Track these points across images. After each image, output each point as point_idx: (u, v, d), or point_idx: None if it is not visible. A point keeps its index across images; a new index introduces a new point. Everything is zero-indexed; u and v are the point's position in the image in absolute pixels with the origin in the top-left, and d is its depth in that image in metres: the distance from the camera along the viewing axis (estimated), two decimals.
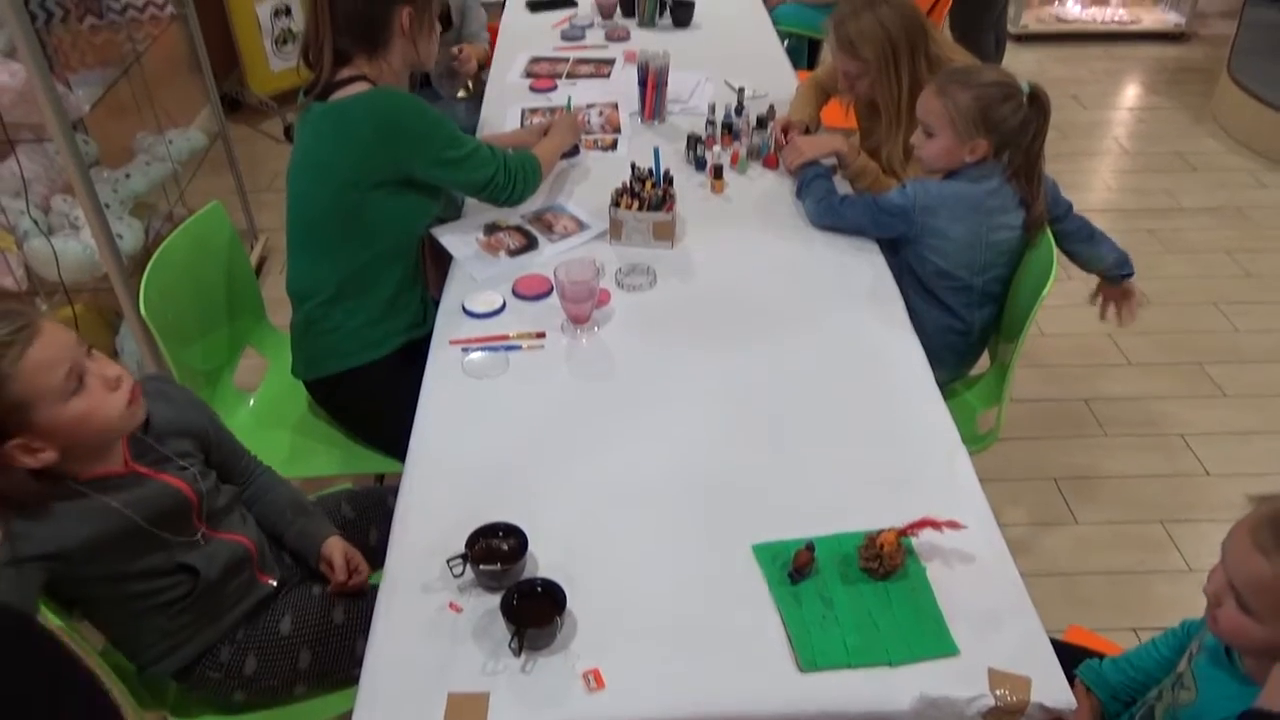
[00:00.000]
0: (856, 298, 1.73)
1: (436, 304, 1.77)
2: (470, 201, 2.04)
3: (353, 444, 1.86)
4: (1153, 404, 2.62)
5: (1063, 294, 2.98)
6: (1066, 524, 2.27)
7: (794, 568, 1.19)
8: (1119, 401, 2.63)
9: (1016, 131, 1.73)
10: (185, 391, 1.43)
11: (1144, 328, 2.90)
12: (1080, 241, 1.91)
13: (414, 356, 1.66)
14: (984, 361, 2.02)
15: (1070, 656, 1.18)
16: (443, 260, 1.90)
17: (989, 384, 1.95)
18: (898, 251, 1.86)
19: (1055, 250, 1.75)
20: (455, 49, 2.64)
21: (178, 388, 1.43)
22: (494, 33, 2.89)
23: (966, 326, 1.87)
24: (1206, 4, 5.01)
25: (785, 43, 2.99)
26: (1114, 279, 1.97)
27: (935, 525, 1.21)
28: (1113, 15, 5.04)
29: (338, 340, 1.77)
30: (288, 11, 4.01)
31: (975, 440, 1.79)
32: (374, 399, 1.79)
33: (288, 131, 3.99)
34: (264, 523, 1.47)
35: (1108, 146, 3.99)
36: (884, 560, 1.18)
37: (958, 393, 1.97)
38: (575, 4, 3.07)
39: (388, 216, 1.73)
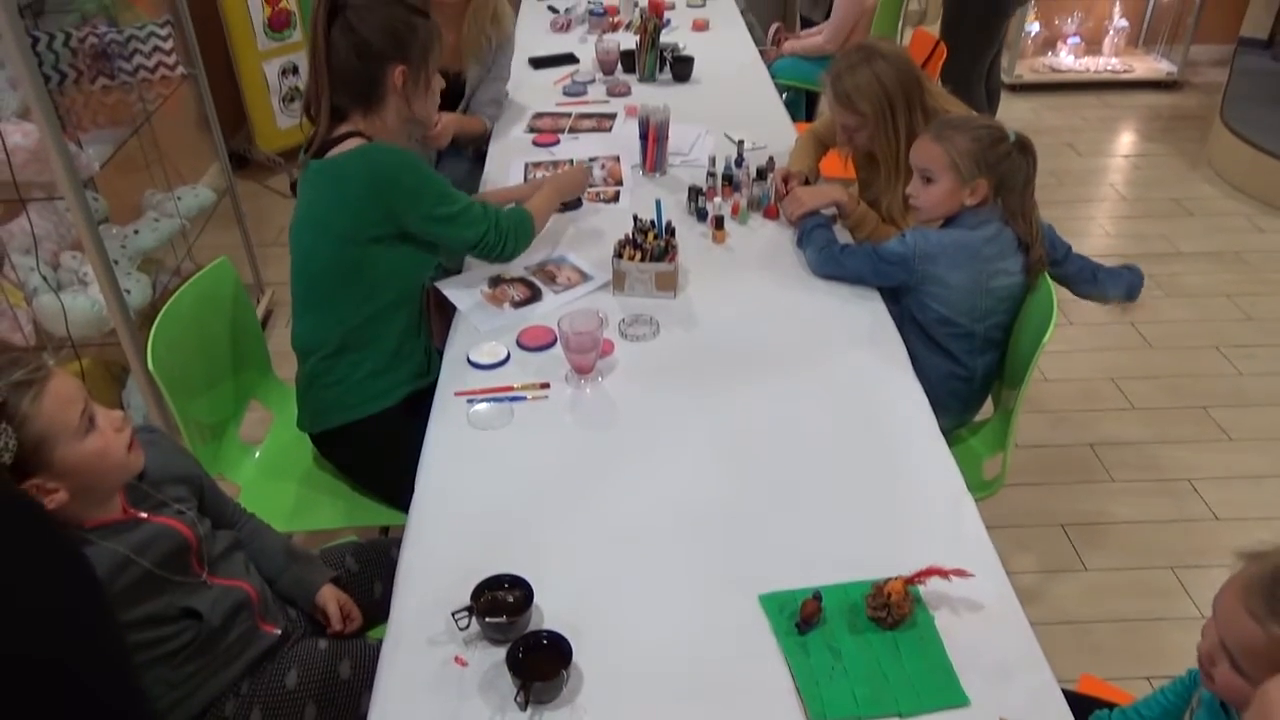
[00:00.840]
0: (859, 345, 1.73)
1: (440, 354, 1.78)
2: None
3: (357, 496, 1.86)
4: (1159, 448, 2.61)
5: (1064, 339, 3.02)
6: (1075, 571, 2.25)
7: (801, 618, 1.18)
8: (1125, 446, 2.62)
9: (1011, 173, 1.76)
10: (172, 440, 1.45)
11: (1147, 371, 2.91)
12: (1084, 283, 1.93)
13: (418, 407, 1.67)
14: (988, 407, 2.02)
15: (1082, 706, 1.16)
16: (446, 311, 1.91)
17: (993, 430, 1.95)
18: (899, 299, 1.87)
19: (1055, 296, 1.76)
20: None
21: (165, 437, 1.44)
22: None
23: (969, 373, 1.87)
24: (1198, 53, 5.10)
25: (783, 95, 3.05)
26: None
27: (943, 574, 1.20)
28: (1105, 65, 5.12)
29: (342, 393, 1.78)
30: (294, 70, 4.10)
31: (981, 487, 1.79)
32: (379, 450, 1.79)
33: (294, 187, 4.04)
34: (258, 569, 1.47)
35: (1104, 193, 4.03)
36: (892, 609, 1.18)
37: (962, 439, 1.97)
38: (577, 60, 3.14)
39: (388, 270, 1.74)
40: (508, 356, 1.71)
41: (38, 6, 2.47)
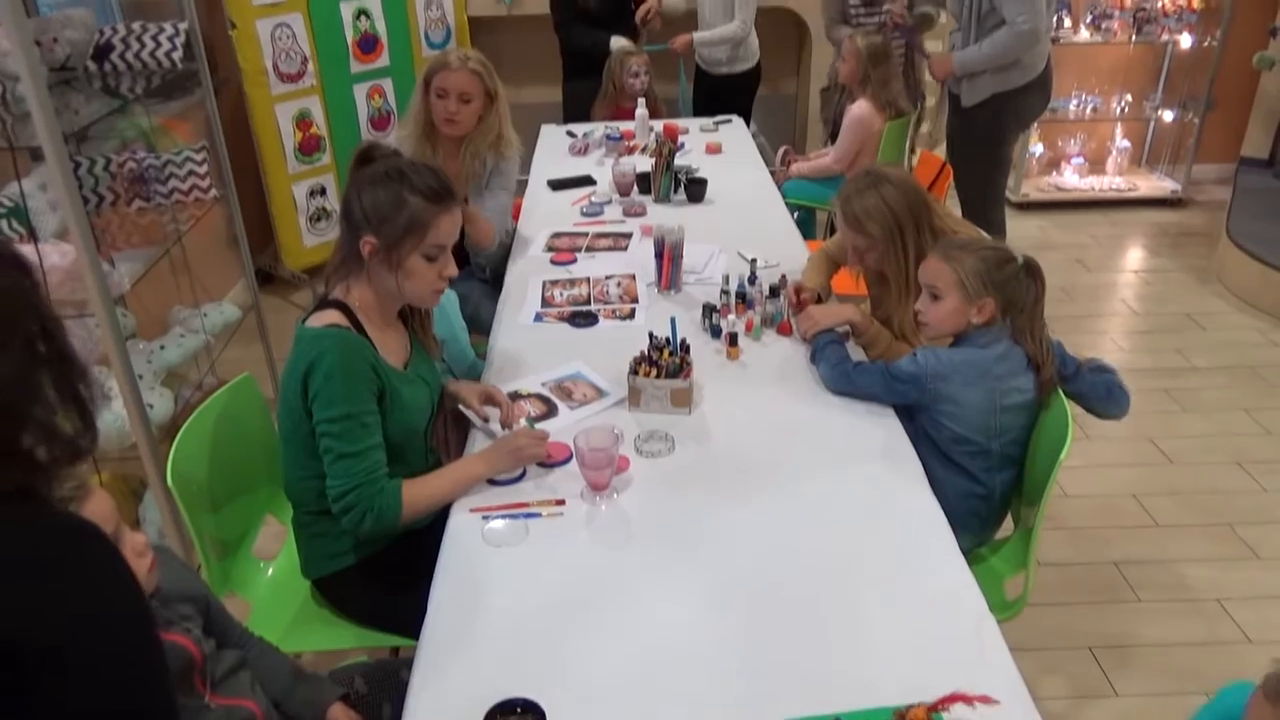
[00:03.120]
0: (874, 462, 1.73)
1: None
2: (489, 370, 2.10)
3: None
4: (1185, 567, 2.56)
5: (1082, 454, 2.99)
6: (1106, 696, 2.17)
7: None
8: (1150, 565, 2.57)
9: (1019, 294, 1.80)
10: (179, 559, 1.45)
11: (1168, 488, 2.87)
12: (1098, 401, 1.92)
13: (422, 532, 1.66)
14: (1007, 525, 2.00)
15: None
16: (462, 425, 1.93)
17: (1014, 548, 1.92)
18: (913, 417, 1.88)
19: (1070, 411, 1.77)
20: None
21: (173, 555, 1.43)
22: (517, 209, 3.01)
23: (987, 491, 1.86)
24: (1200, 172, 5.22)
25: (794, 215, 3.13)
26: None
27: (967, 700, 1.16)
28: (1110, 184, 5.24)
29: (329, 543, 1.74)
30: (323, 192, 4.25)
31: (1004, 608, 1.75)
32: (381, 590, 1.74)
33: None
34: (265, 690, 1.44)
35: (1115, 308, 4.07)
36: None
37: (983, 558, 1.94)
38: (595, 182, 3.24)
39: None
40: (523, 473, 1.72)
41: (82, 133, 2.60)
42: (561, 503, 1.64)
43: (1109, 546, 2.64)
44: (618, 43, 4.06)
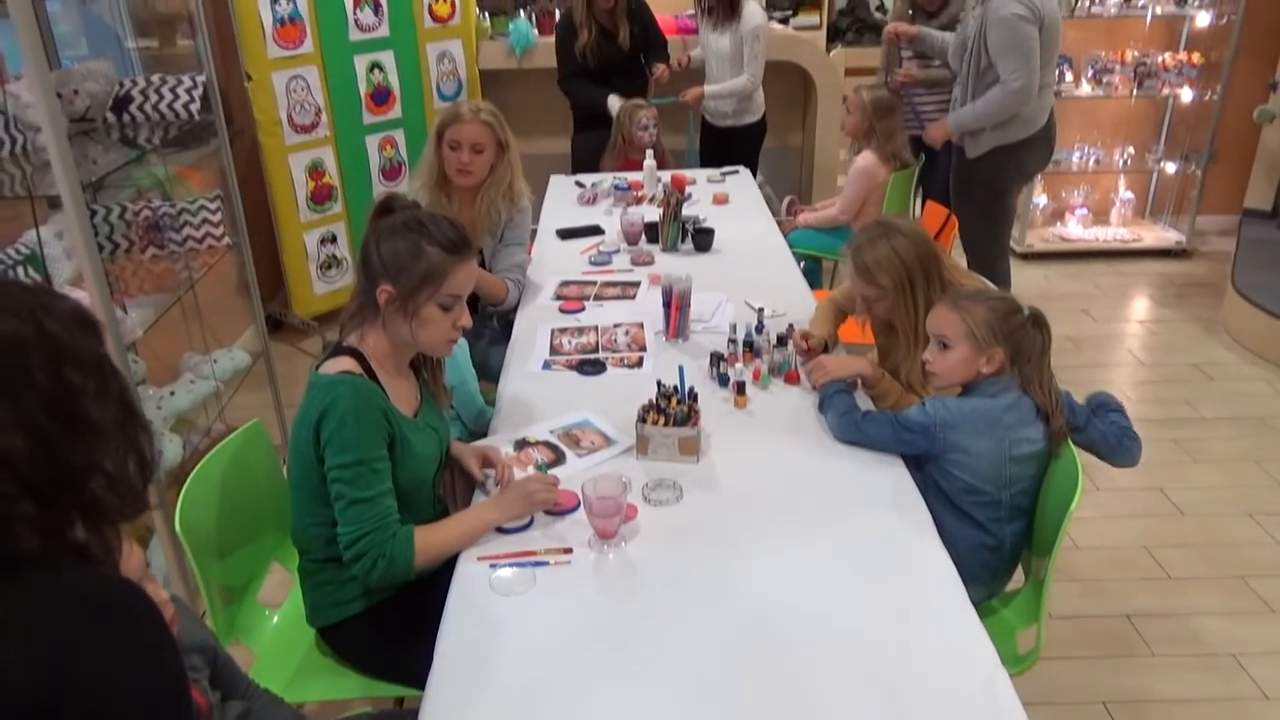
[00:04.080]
0: (883, 512, 1.72)
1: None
2: (498, 418, 2.10)
3: None
4: (1199, 620, 2.53)
5: (1093, 505, 2.97)
6: None
7: None
8: (1163, 618, 2.54)
9: (1026, 344, 1.80)
10: (189, 609, 1.44)
11: (1180, 539, 2.84)
12: (1109, 450, 1.92)
13: (429, 580, 1.65)
14: (1019, 576, 1.98)
15: None
16: (469, 477, 1.92)
17: (1026, 600, 1.90)
18: (922, 467, 1.87)
19: (1080, 461, 1.76)
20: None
21: (183, 605, 1.43)
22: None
23: (998, 542, 1.85)
24: (1204, 223, 5.25)
25: (801, 264, 3.15)
26: None
27: None
28: (1114, 234, 5.28)
29: (336, 590, 1.73)
30: (333, 240, 4.30)
31: (1016, 661, 1.73)
32: (387, 638, 1.72)
33: (325, 350, 4.16)
34: None
35: (1122, 358, 4.07)
36: None
37: (994, 610, 1.92)
38: (603, 232, 3.27)
39: None
40: (531, 520, 1.71)
41: (99, 182, 2.64)
42: (569, 551, 1.63)
43: (1121, 599, 2.61)
44: (615, 102, 4.13)
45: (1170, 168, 5.21)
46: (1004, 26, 3.19)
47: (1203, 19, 4.84)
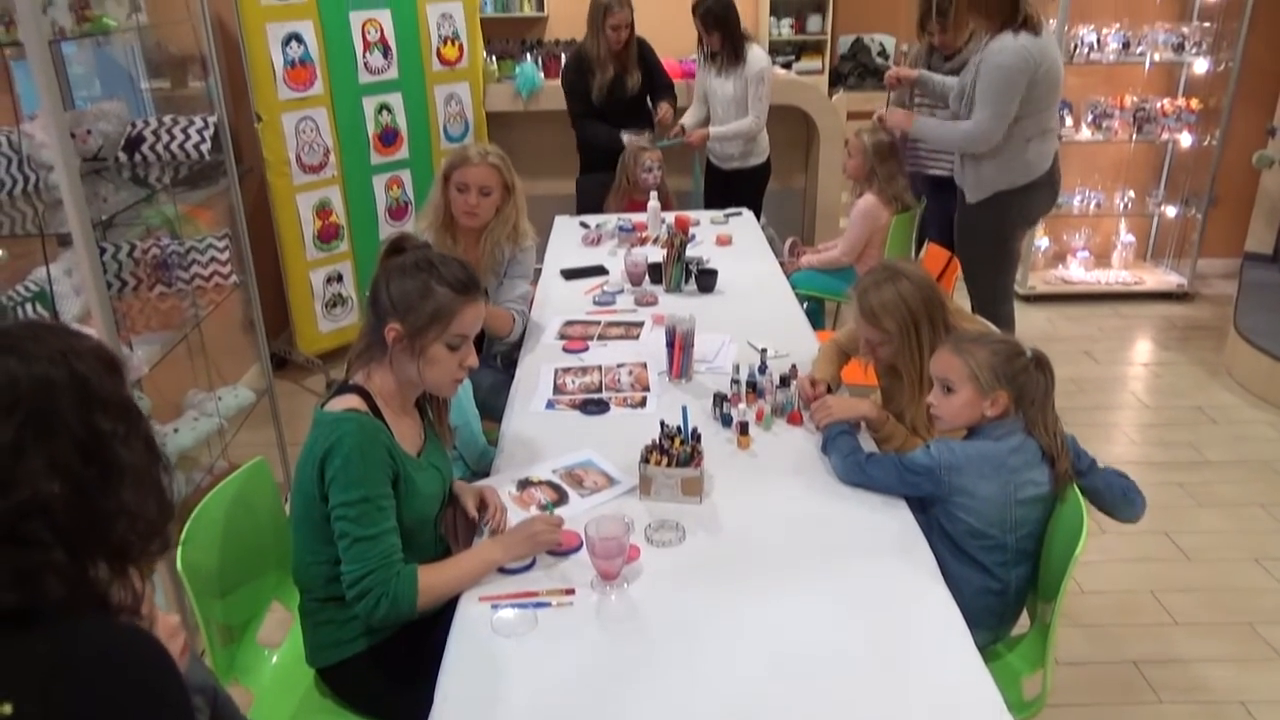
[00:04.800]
0: (887, 555, 1.72)
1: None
2: (500, 457, 2.10)
3: None
4: (1206, 667, 2.50)
5: (1099, 549, 2.95)
6: None
7: None
8: (1170, 664, 2.51)
9: (1030, 387, 1.81)
10: (193, 649, 1.43)
11: (1186, 584, 2.82)
12: (1113, 500, 1.90)
13: (430, 621, 1.64)
14: (1024, 621, 1.96)
15: None
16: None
17: (1031, 645, 1.88)
18: (926, 510, 1.87)
19: (1085, 505, 1.76)
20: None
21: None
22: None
23: (1003, 585, 1.84)
24: (1205, 266, 5.27)
25: (804, 305, 3.16)
26: None
27: None
28: (1116, 277, 5.30)
29: (337, 630, 1.72)
30: (339, 278, 4.33)
31: (1021, 707, 1.71)
32: (387, 679, 1.71)
33: (329, 388, 4.17)
34: None
35: (1126, 400, 4.06)
36: None
37: (999, 655, 1.90)
38: (607, 272, 3.30)
39: None
40: (533, 561, 1.70)
41: (109, 220, 2.67)
42: (571, 592, 1.62)
43: (1127, 645, 2.59)
44: (630, 138, 4.18)
45: (1170, 211, 5.24)
46: (993, 73, 3.23)
47: (1200, 66, 4.91)
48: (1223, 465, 3.50)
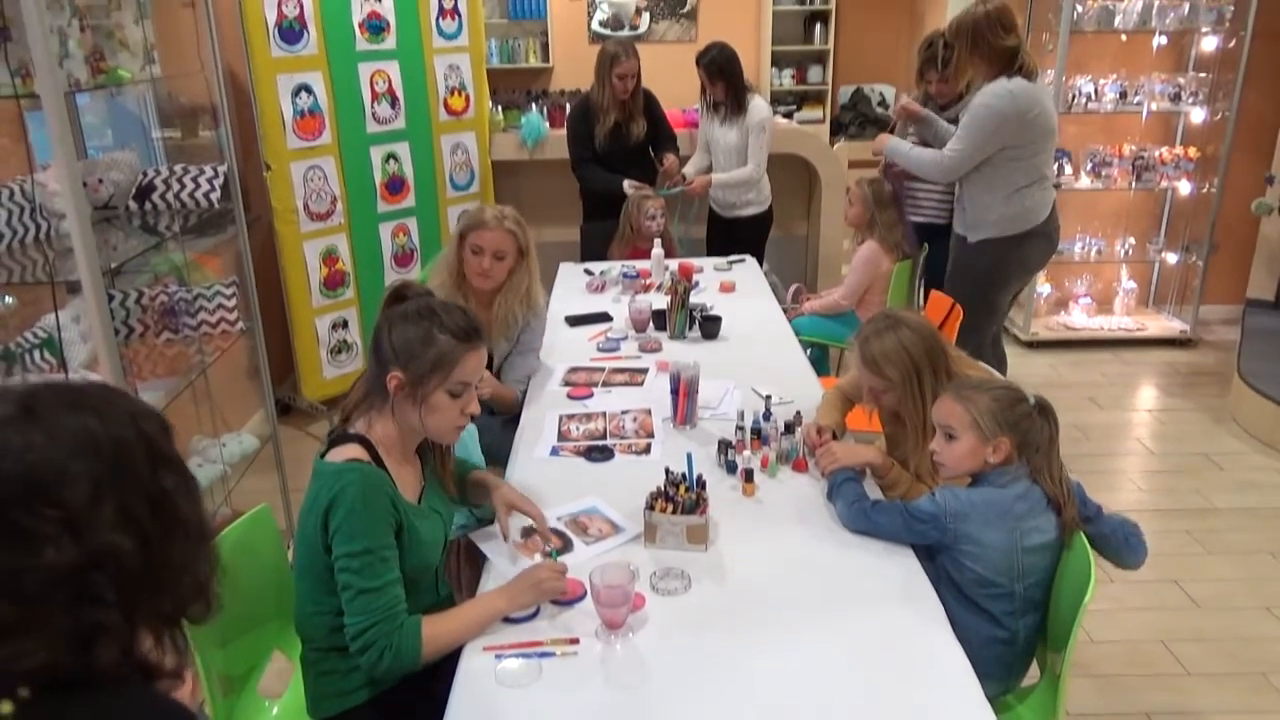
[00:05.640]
0: (894, 604, 1.70)
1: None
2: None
3: None
4: (1220, 719, 2.46)
5: (1108, 597, 2.92)
6: None
7: None
8: (1183, 716, 2.47)
9: (1033, 433, 1.80)
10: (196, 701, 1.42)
11: (1197, 634, 2.79)
12: (1117, 547, 1.89)
13: (433, 671, 1.62)
14: (1034, 672, 1.94)
15: None
16: (476, 562, 1.91)
17: (1041, 697, 1.85)
18: (933, 557, 1.85)
19: (1092, 552, 1.74)
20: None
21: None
22: None
23: (1011, 635, 1.82)
24: (1207, 312, 5.29)
25: (808, 352, 3.17)
26: None
27: None
28: (1118, 323, 5.31)
29: (339, 680, 1.70)
30: (345, 325, 4.35)
31: None
32: None
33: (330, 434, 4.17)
34: None
35: (1131, 447, 4.05)
36: None
37: (1009, 706, 1.88)
38: (611, 319, 3.31)
39: None
40: (537, 610, 1.69)
41: (118, 268, 2.70)
42: (576, 641, 1.61)
43: (1139, 696, 2.55)
44: (630, 186, 4.23)
45: (1171, 258, 5.27)
46: (979, 110, 3.28)
47: (1197, 115, 4.97)
48: (1231, 512, 3.47)
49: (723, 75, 4.24)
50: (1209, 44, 4.90)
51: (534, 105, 5.36)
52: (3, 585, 0.81)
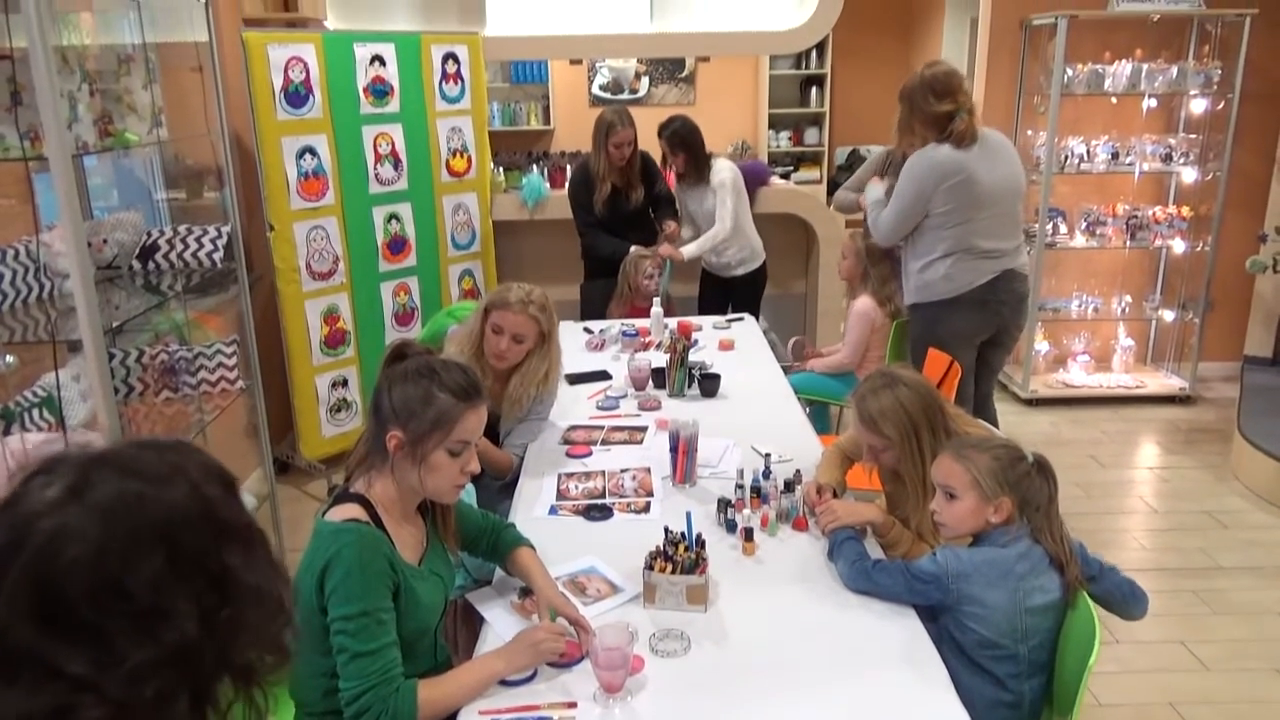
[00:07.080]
0: (896, 665, 1.68)
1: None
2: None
3: None
4: None
5: (1114, 659, 2.88)
6: None
7: None
8: None
9: (1033, 492, 1.80)
10: None
11: (1206, 696, 2.74)
12: (1121, 600, 1.87)
13: None
14: None
15: None
16: (473, 624, 1.89)
17: None
18: (936, 619, 1.83)
19: (1096, 613, 1.72)
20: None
21: None
22: None
23: (1016, 699, 1.79)
24: (1206, 369, 5.30)
25: (807, 410, 3.17)
26: None
27: None
28: (1117, 381, 5.31)
29: None
30: (345, 383, 4.35)
31: None
32: None
33: (330, 492, 4.15)
34: None
35: (1134, 505, 4.02)
36: None
37: None
38: (610, 377, 3.32)
39: None
40: (534, 673, 1.67)
41: (120, 327, 2.71)
42: (574, 705, 1.58)
43: None
44: (635, 251, 4.28)
45: (1168, 315, 5.30)
46: (902, 174, 3.34)
47: (1189, 175, 5.04)
48: (1236, 571, 3.44)
49: (685, 147, 4.38)
50: (1198, 106, 4.98)
51: (535, 166, 5.44)
52: (85, 684, 0.77)
